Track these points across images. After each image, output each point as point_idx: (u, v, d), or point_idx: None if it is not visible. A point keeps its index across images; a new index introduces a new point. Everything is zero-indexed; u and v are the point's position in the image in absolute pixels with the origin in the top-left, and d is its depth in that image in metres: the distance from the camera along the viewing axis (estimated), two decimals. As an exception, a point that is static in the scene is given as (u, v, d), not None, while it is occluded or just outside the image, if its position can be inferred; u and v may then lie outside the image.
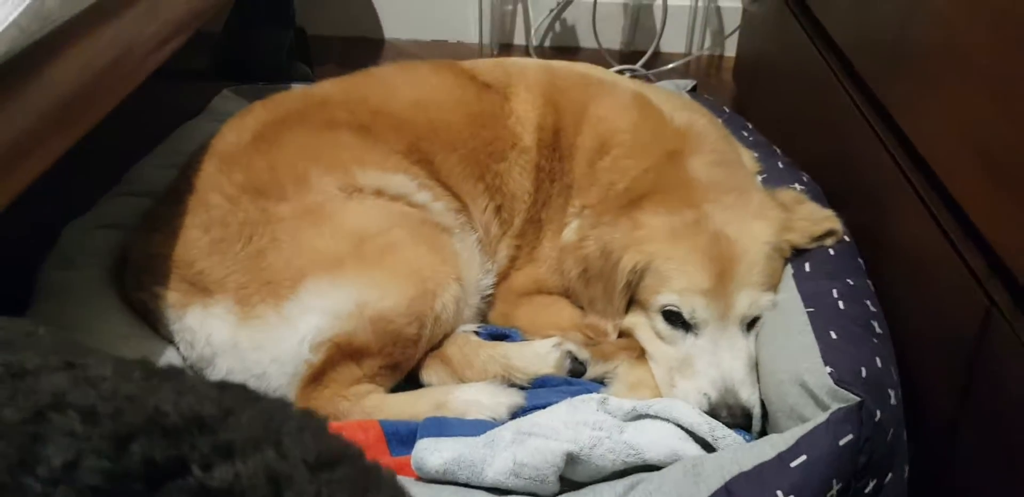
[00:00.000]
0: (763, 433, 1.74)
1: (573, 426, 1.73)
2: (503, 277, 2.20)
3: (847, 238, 2.11)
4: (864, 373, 1.66)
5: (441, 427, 1.77)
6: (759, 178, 2.29)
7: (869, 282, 2.00)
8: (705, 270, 1.88)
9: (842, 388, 1.59)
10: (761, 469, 1.50)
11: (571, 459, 1.64)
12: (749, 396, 1.80)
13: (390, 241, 1.89)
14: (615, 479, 1.65)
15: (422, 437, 1.73)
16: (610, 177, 2.12)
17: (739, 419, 1.76)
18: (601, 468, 1.65)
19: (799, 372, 1.71)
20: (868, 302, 1.92)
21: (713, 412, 1.76)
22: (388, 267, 1.88)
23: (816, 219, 2.08)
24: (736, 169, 2.08)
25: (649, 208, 1.98)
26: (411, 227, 1.96)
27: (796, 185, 2.25)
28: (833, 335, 1.75)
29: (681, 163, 2.01)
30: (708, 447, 1.73)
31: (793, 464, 1.49)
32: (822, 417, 1.54)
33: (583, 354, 1.99)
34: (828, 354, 1.69)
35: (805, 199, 2.15)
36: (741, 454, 1.55)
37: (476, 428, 1.77)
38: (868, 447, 1.55)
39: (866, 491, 1.58)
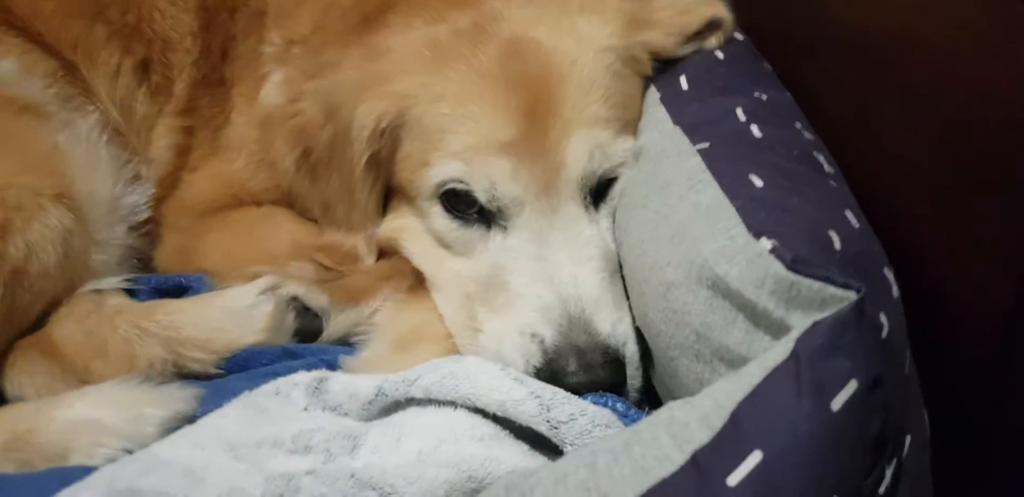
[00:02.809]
0: (651, 396, 1.03)
1: (248, 455, 0.79)
2: (170, 185, 1.39)
3: (739, 35, 1.22)
4: (837, 241, 0.78)
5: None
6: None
7: (790, 95, 1.12)
8: (503, 107, 1.11)
9: (806, 275, 0.71)
10: (663, 494, 0.60)
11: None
12: (614, 325, 1.05)
13: None
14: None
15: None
16: (327, -15, 1.33)
17: (601, 372, 1.01)
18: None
19: (704, 261, 0.81)
20: (799, 124, 1.05)
21: (553, 367, 1.01)
22: None
23: (685, 5, 1.20)
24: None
25: (397, 22, 1.23)
26: None
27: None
28: (757, 181, 0.86)
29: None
30: (545, 445, 0.83)
31: (734, 479, 0.60)
32: (780, 348, 0.65)
33: (317, 298, 1.22)
34: (756, 216, 0.80)
35: (662, -20, 1.25)
36: (605, 466, 0.64)
37: (46, 490, 0.80)
38: (880, 399, 0.67)
39: (881, 491, 0.70)
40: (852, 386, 0.65)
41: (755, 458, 0.61)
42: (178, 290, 1.27)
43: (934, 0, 0.97)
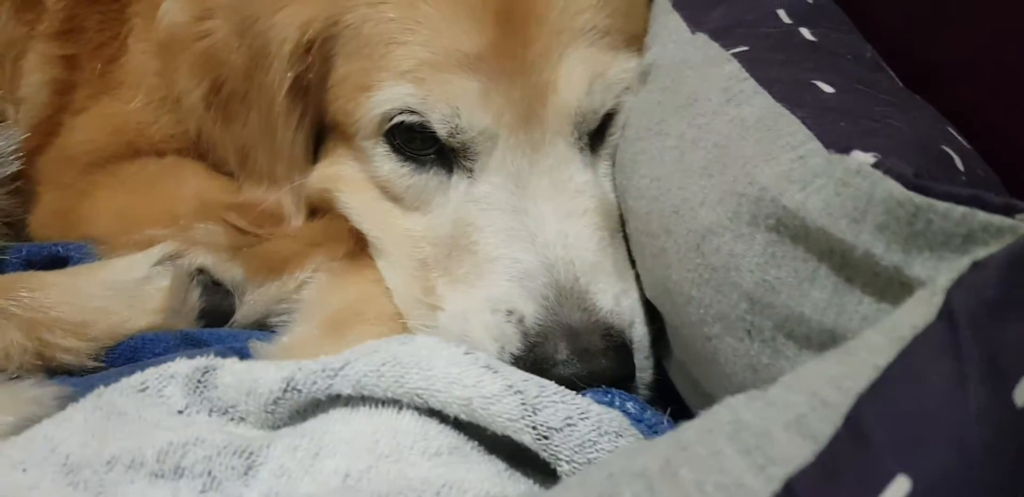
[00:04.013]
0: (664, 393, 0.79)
1: (92, 479, 0.53)
2: (47, 132, 1.11)
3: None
4: (958, 160, 0.53)
5: None
6: None
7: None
8: (467, 8, 0.85)
9: (939, 196, 0.45)
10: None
11: None
12: (617, 299, 0.81)
13: None
14: None
15: None
16: None
17: (603, 361, 0.77)
18: None
19: (760, 192, 0.56)
20: (856, 35, 0.80)
21: (536, 354, 0.77)
22: None
23: None
24: None
25: None
26: None
27: None
28: (824, 87, 0.61)
29: None
30: (528, 463, 0.57)
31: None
32: (921, 308, 0.40)
33: (230, 270, 0.96)
34: (834, 126, 0.56)
35: None
36: (648, 494, 0.39)
37: None
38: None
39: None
40: (1043, 364, 0.40)
41: (900, 489, 0.36)
42: (54, 261, 1.01)
43: None
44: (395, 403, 0.59)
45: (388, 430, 0.57)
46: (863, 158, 0.51)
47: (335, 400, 0.60)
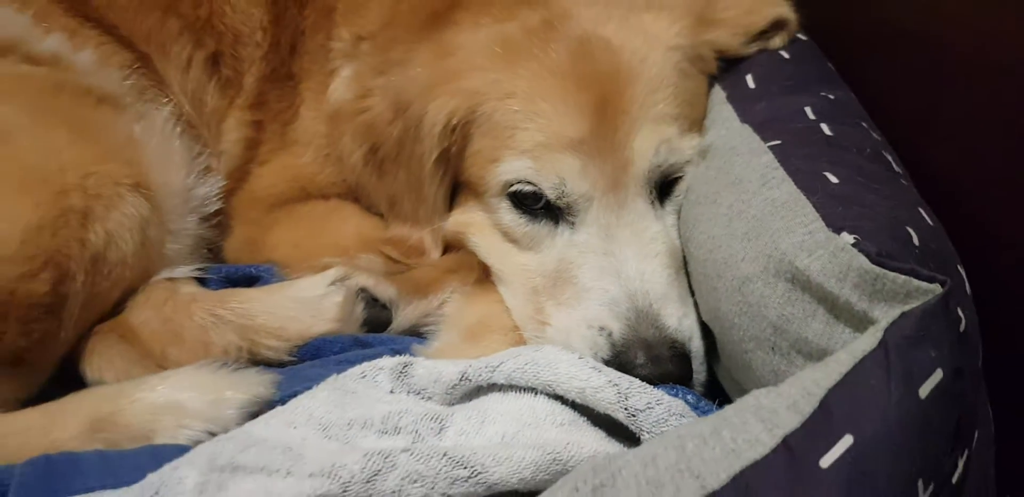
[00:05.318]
0: (712, 389, 1.05)
1: (339, 434, 0.82)
2: (239, 179, 1.42)
3: (802, 35, 1.23)
4: (916, 237, 0.80)
5: (58, 477, 0.84)
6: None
7: (854, 96, 1.13)
8: (573, 105, 1.12)
9: (892, 269, 0.72)
10: (750, 482, 0.62)
11: (327, 510, 0.73)
12: (680, 320, 1.06)
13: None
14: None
15: (14, 504, 0.79)
16: (395, -19, 1.35)
17: (669, 365, 1.02)
18: (399, 517, 0.75)
19: (782, 255, 0.83)
20: (865, 124, 1.06)
21: (621, 359, 1.02)
22: (-20, 173, 1.09)
23: (751, 5, 1.21)
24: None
25: (466, 20, 1.24)
26: (31, 99, 1.19)
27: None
28: (832, 177, 0.88)
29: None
30: (621, 433, 0.85)
31: (826, 461, 0.62)
32: (869, 338, 0.67)
33: (386, 290, 1.22)
34: (834, 211, 0.82)
35: (724, -18, 1.26)
36: (695, 449, 0.66)
37: (140, 466, 0.83)
38: (960, 389, 0.69)
39: (953, 480, 0.72)
40: (938, 375, 0.67)
41: (846, 442, 0.63)
42: (247, 280, 1.29)
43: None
44: (533, 390, 0.87)
45: (529, 407, 0.86)
46: (848, 238, 0.78)
47: (492, 387, 0.88)
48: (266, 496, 0.73)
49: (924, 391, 0.65)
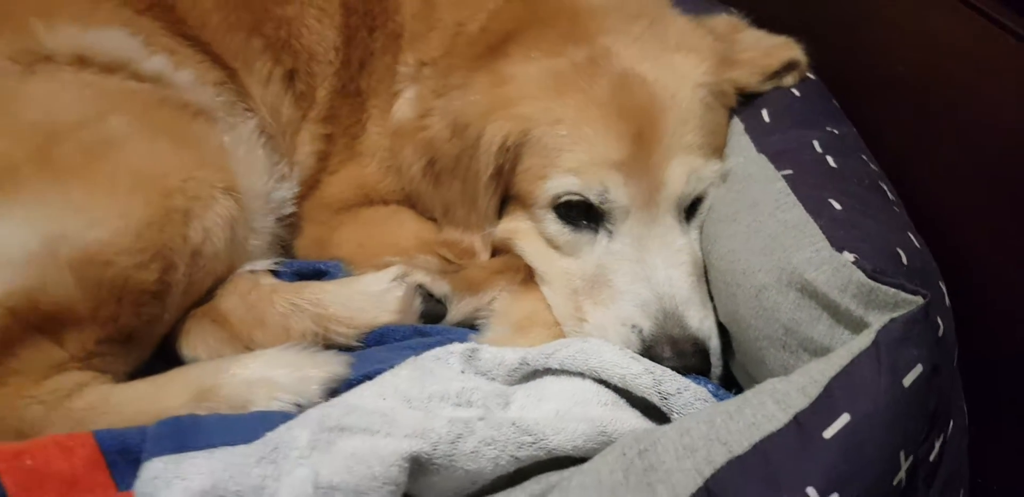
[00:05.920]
0: (727, 382, 1.20)
1: (421, 405, 0.98)
2: (310, 185, 1.55)
3: (811, 75, 1.41)
4: (904, 257, 0.97)
5: (186, 435, 1.00)
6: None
7: (855, 130, 1.31)
8: (613, 132, 1.27)
9: (884, 283, 0.89)
10: (768, 449, 0.80)
11: (419, 466, 0.90)
12: (701, 321, 1.22)
13: (102, 136, 1.25)
14: (505, 490, 0.92)
15: (152, 457, 0.95)
16: (457, 15, 1.50)
17: (691, 359, 1.17)
18: (475, 473, 0.93)
19: (793, 269, 1.00)
20: (864, 157, 1.24)
21: (650, 353, 1.17)
22: (98, 177, 1.22)
23: (767, 48, 1.37)
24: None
25: (518, 53, 1.38)
26: (139, 112, 1.32)
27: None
28: (835, 204, 1.05)
29: (558, -16, 1.40)
30: (654, 413, 1.02)
31: (828, 433, 0.79)
32: (864, 338, 0.85)
33: (440, 287, 1.36)
34: (837, 233, 0.99)
35: (744, 26, 1.43)
36: (722, 423, 0.83)
37: (254, 428, 0.99)
38: (937, 382, 0.87)
39: (931, 458, 0.90)
40: (919, 369, 0.84)
41: (844, 419, 0.81)
42: (315, 274, 1.44)
43: (996, 59, 1.16)
44: (581, 375, 1.04)
45: (578, 389, 1.03)
46: (848, 257, 0.96)
47: (547, 371, 1.05)
48: (371, 450, 0.90)
49: (907, 381, 0.83)
